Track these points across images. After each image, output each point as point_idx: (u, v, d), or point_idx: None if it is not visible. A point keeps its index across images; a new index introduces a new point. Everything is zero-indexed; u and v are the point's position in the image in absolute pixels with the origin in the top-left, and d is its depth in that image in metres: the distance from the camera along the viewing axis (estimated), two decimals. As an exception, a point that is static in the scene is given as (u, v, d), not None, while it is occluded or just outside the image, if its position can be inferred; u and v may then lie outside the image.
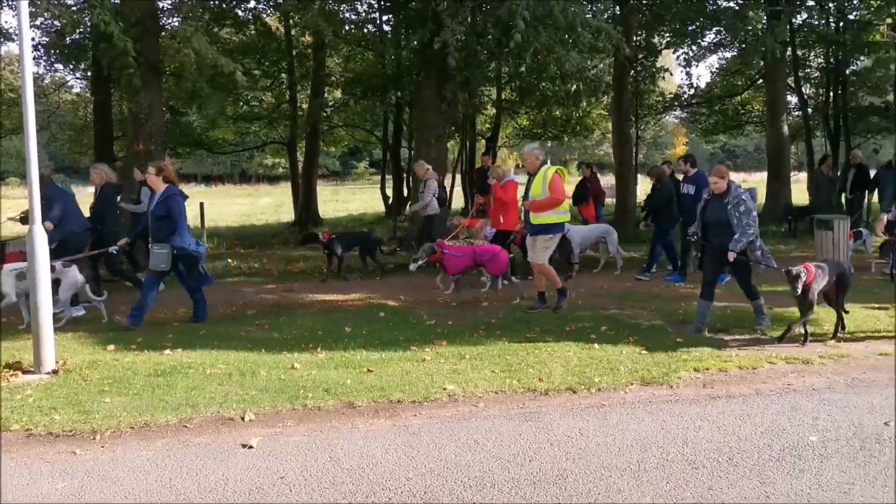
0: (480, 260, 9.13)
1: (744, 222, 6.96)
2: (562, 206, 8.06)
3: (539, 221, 8.01)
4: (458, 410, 4.81)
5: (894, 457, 3.93)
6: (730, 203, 7.09)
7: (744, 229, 6.93)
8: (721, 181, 7.22)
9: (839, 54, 20.98)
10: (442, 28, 10.49)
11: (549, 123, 22.57)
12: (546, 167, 8.06)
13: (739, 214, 6.97)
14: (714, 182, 7.24)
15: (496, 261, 9.08)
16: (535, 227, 8.06)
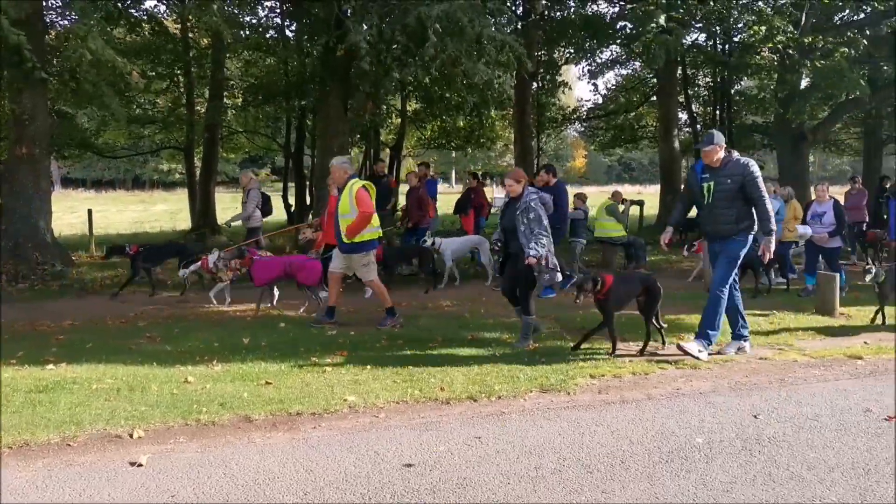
0: (291, 270, 8.70)
1: (535, 231, 6.69)
2: (372, 223, 7.77)
3: (349, 240, 7.71)
4: (359, 421, 4.75)
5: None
6: (519, 209, 6.80)
7: (536, 238, 6.66)
8: (516, 185, 6.90)
9: (725, 74, 22.30)
10: (346, 34, 10.42)
11: (453, 134, 22.82)
12: (353, 181, 7.75)
13: (528, 221, 6.71)
14: (508, 185, 6.97)
15: (308, 271, 8.64)
16: (346, 245, 7.74)
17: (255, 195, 11.31)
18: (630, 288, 6.76)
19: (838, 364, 6.28)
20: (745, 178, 6.38)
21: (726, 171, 6.48)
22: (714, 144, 6.49)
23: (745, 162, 6.48)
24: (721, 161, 6.51)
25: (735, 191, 6.41)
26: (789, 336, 7.42)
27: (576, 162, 72.33)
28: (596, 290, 6.49)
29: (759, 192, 6.39)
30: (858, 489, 3.66)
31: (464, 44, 10.57)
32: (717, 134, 6.64)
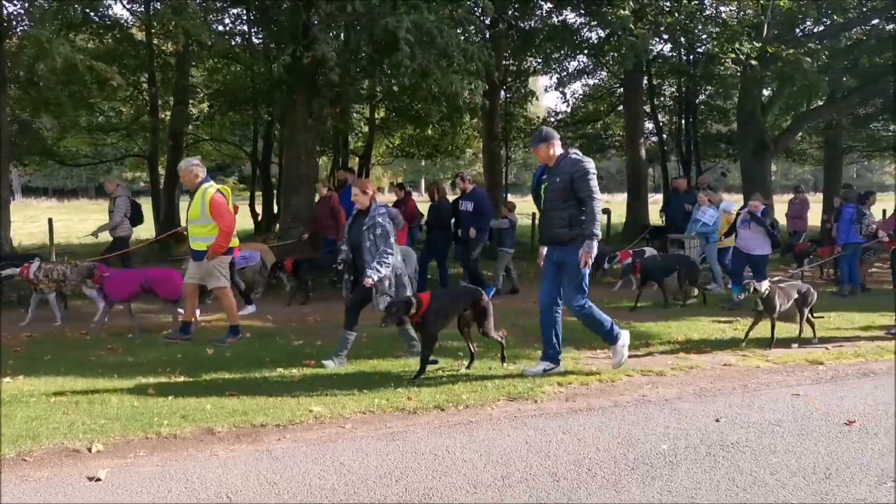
0: (150, 285, 8.17)
1: (380, 248, 6.19)
2: None
3: (199, 248, 7.31)
4: (325, 432, 4.70)
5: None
6: (366, 224, 6.28)
7: (381, 256, 6.16)
8: (362, 196, 6.37)
9: (690, 85, 22.66)
10: (313, 43, 10.37)
11: (422, 143, 22.82)
12: (205, 186, 7.26)
13: (374, 238, 6.21)
14: (354, 196, 6.42)
15: (168, 285, 8.11)
16: (197, 252, 7.34)
17: (123, 203, 10.81)
18: (453, 305, 6.19)
19: (800, 369, 6.38)
20: (573, 175, 5.83)
21: (558, 169, 5.98)
22: (543, 142, 6.02)
23: (577, 158, 5.94)
24: (556, 159, 6.02)
25: (565, 189, 5.89)
26: (752, 342, 7.51)
27: (544, 171, 72.72)
28: (410, 313, 5.92)
29: (587, 191, 5.81)
30: (819, 493, 3.71)
31: (434, 55, 10.57)
32: (548, 130, 6.15)
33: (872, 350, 7.07)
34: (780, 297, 7.20)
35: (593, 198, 5.81)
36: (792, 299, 7.33)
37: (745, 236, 10.06)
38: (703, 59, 19.79)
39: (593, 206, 5.81)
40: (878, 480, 3.86)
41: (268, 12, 13.06)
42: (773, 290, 7.16)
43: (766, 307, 7.20)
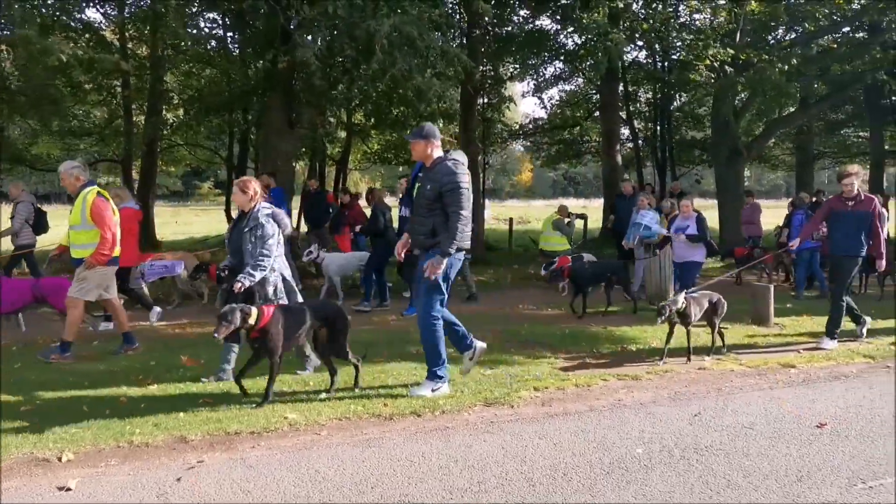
0: (41, 294, 7.74)
1: (258, 251, 5.70)
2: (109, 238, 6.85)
3: (79, 255, 6.95)
4: (300, 440, 4.66)
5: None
6: (248, 226, 5.79)
7: (257, 259, 5.68)
8: (241, 196, 5.81)
9: (665, 91, 22.91)
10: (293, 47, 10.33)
11: (399, 148, 22.80)
12: (87, 190, 6.91)
13: (255, 240, 5.74)
14: (234, 195, 5.91)
15: (61, 295, 7.45)
16: (77, 260, 6.98)
17: (25, 209, 10.31)
18: (301, 320, 5.54)
19: (773, 373, 6.45)
20: (442, 188, 5.42)
21: (432, 174, 5.53)
22: (421, 138, 5.58)
23: (451, 169, 5.45)
24: (433, 162, 5.58)
25: (434, 198, 5.48)
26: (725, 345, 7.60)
27: (522, 176, 73.22)
28: (248, 325, 5.21)
29: (454, 205, 5.40)
30: (791, 495, 3.75)
31: (415, 59, 10.57)
32: (430, 127, 5.64)
33: (843, 353, 7.18)
34: (694, 306, 7.03)
35: (458, 214, 5.40)
36: (703, 309, 7.17)
37: (680, 243, 9.86)
38: (677, 66, 20.02)
39: (456, 222, 5.41)
40: (849, 482, 3.91)
41: (245, 16, 12.99)
42: (688, 302, 6.98)
43: (682, 318, 6.99)
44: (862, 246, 7.61)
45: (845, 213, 7.67)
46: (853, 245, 7.62)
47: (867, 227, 7.59)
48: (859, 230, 7.58)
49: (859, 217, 7.58)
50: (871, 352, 7.24)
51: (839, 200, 7.77)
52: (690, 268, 9.84)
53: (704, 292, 7.43)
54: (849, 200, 7.66)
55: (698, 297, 7.22)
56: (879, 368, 6.61)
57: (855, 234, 7.59)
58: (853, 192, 7.64)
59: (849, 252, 7.65)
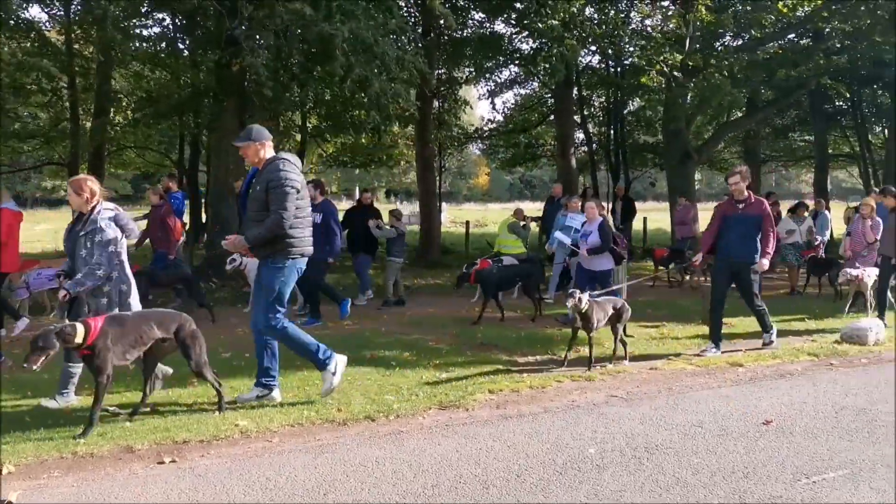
0: None
1: (94, 257, 5.17)
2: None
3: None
4: (251, 447, 4.58)
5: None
6: (85, 230, 5.26)
7: (90, 267, 5.15)
8: (76, 197, 5.33)
9: (618, 96, 23.24)
10: (238, 50, 10.18)
11: (356, 151, 22.66)
12: None
13: (91, 245, 5.20)
14: (69, 195, 5.44)
15: None
16: None
17: None
18: (138, 332, 4.94)
19: (721, 372, 6.59)
20: (269, 185, 5.20)
21: (262, 175, 5.30)
22: (249, 141, 5.36)
23: (279, 164, 5.25)
24: (265, 162, 5.35)
25: (262, 199, 5.26)
26: (677, 345, 7.75)
27: (479, 179, 73.54)
28: (75, 345, 4.67)
29: (277, 203, 5.16)
30: (738, 492, 3.82)
31: (372, 64, 10.50)
32: (259, 129, 5.45)
33: (788, 352, 7.36)
34: (598, 311, 6.79)
35: (279, 213, 5.14)
36: (607, 315, 6.93)
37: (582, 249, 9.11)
38: (629, 71, 20.33)
39: (273, 220, 5.16)
40: (794, 478, 4.00)
41: (194, 18, 12.77)
42: (591, 306, 6.73)
43: (584, 324, 6.73)
44: (755, 249, 7.42)
45: (736, 217, 7.47)
46: (748, 249, 7.42)
47: (759, 229, 7.41)
48: (750, 233, 7.41)
49: (750, 220, 7.41)
50: (816, 350, 7.44)
51: (730, 204, 7.59)
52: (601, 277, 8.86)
53: (609, 297, 7.25)
54: (739, 203, 7.48)
55: (602, 301, 6.98)
56: (823, 366, 6.80)
57: (746, 237, 7.41)
58: (742, 192, 7.46)
59: (745, 258, 7.44)
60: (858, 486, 3.88)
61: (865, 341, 7.63)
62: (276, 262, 5.36)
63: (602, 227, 8.91)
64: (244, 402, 5.47)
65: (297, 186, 5.27)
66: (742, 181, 7.46)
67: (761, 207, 7.48)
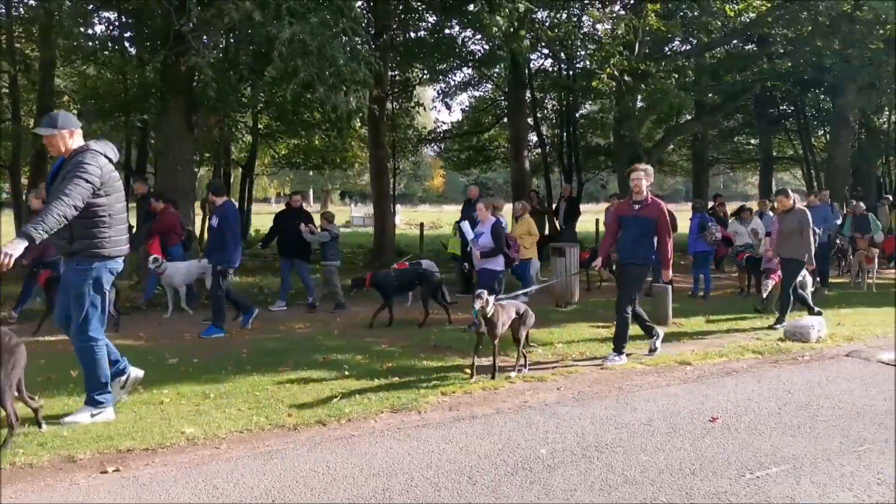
0: None
1: None
2: None
3: None
4: (198, 455, 4.48)
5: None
6: None
7: None
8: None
9: (570, 98, 23.51)
10: (186, 50, 9.98)
11: (308, 153, 22.46)
12: None
13: None
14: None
15: None
16: None
17: None
18: None
19: (670, 370, 6.70)
20: (67, 172, 4.77)
21: (66, 167, 4.87)
22: (52, 129, 4.91)
23: (82, 156, 4.82)
24: (72, 153, 4.91)
25: None
26: (628, 345, 7.80)
27: (434, 181, 73.56)
28: None
29: (64, 187, 4.64)
30: (685, 488, 3.89)
31: (315, 68, 10.36)
32: (65, 116, 5.05)
33: (734, 350, 7.53)
34: (502, 315, 6.45)
35: (60, 198, 4.58)
36: (510, 319, 6.58)
37: (475, 251, 8.87)
38: (581, 74, 20.59)
39: (55, 205, 4.56)
40: (738, 473, 4.09)
41: (140, 16, 12.48)
42: (497, 310, 6.39)
43: (489, 329, 6.36)
44: (648, 252, 7.11)
45: (632, 218, 7.16)
46: (640, 252, 7.08)
47: (653, 232, 7.08)
48: (644, 236, 7.08)
49: (644, 222, 7.07)
50: (760, 347, 7.62)
51: (627, 204, 7.32)
52: (489, 276, 8.61)
53: (513, 301, 6.93)
54: (635, 204, 7.14)
55: (507, 305, 6.66)
56: (767, 363, 6.97)
57: (640, 239, 7.08)
58: (641, 190, 7.10)
59: (635, 260, 7.09)
60: (800, 480, 3.98)
61: (808, 338, 7.84)
62: (80, 265, 4.93)
63: (494, 228, 8.60)
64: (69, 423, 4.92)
65: (93, 181, 4.75)
66: (645, 178, 7.13)
67: (658, 210, 7.09)
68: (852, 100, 17.82)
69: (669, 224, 7.27)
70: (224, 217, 8.58)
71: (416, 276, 9.87)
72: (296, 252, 10.82)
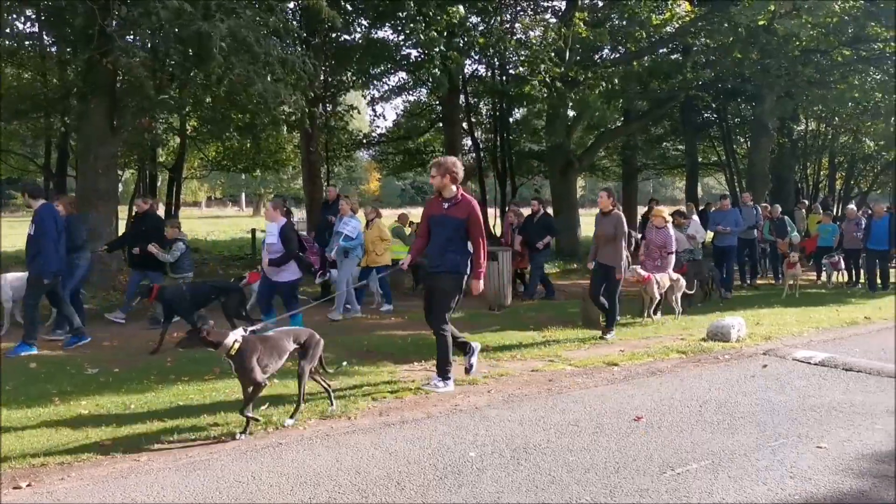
0: None
1: None
2: None
3: None
4: (116, 468, 4.33)
5: None
6: None
7: None
8: None
9: (503, 104, 23.77)
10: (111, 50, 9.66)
11: (239, 156, 22.01)
12: None
13: None
14: None
15: None
16: None
17: None
18: None
19: (598, 371, 6.82)
20: None
21: None
22: None
23: None
24: None
25: None
26: (558, 347, 7.96)
27: (370, 185, 73.24)
28: None
29: None
30: (609, 486, 3.96)
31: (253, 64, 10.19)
32: None
33: (660, 350, 7.73)
34: (265, 353, 5.00)
35: None
36: (285, 353, 5.22)
37: (266, 258, 8.02)
38: (513, 80, 20.84)
39: None
40: (660, 470, 4.19)
41: (62, 14, 12.00)
42: (249, 345, 4.94)
43: (239, 373, 4.98)
44: (460, 258, 6.10)
45: (440, 218, 6.15)
46: (450, 258, 6.07)
47: (465, 235, 6.10)
48: (455, 239, 6.08)
49: (454, 223, 6.07)
50: (684, 347, 7.84)
51: (436, 203, 6.21)
52: (284, 290, 7.93)
53: (289, 329, 5.59)
54: (445, 202, 6.12)
55: (274, 336, 5.26)
56: (690, 363, 7.18)
57: (450, 244, 6.08)
58: (445, 186, 6.10)
59: (443, 267, 6.09)
60: (718, 475, 4.11)
61: (729, 338, 8.11)
62: None
63: (283, 230, 7.65)
64: None
65: None
66: (441, 175, 6.08)
67: (468, 208, 6.07)
68: (771, 108, 18.58)
69: (482, 225, 6.23)
70: (39, 222, 7.67)
71: (212, 289, 8.61)
72: (147, 264, 9.67)
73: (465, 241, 6.13)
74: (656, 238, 9.72)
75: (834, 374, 6.58)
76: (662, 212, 10.11)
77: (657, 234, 9.74)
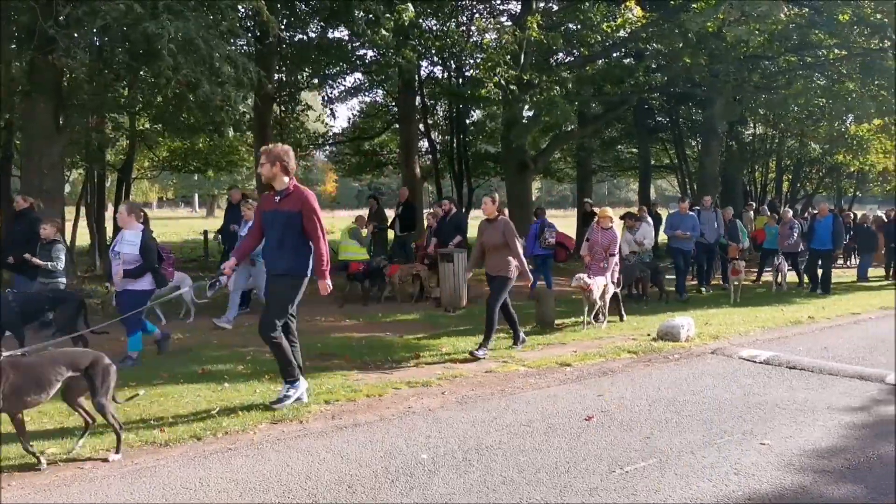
0: None
1: None
2: None
3: None
4: (59, 476, 4.21)
5: None
6: None
7: None
8: None
9: (460, 106, 23.87)
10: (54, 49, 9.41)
11: (190, 156, 21.64)
12: None
13: None
14: None
15: None
16: None
17: None
18: None
19: (551, 372, 6.89)
20: None
21: None
22: None
23: None
24: None
25: None
26: (512, 349, 8.00)
27: (327, 186, 72.71)
28: None
29: None
30: (560, 486, 4.01)
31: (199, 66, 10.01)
32: None
33: (612, 350, 7.83)
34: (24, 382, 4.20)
35: None
36: (54, 383, 4.32)
37: (116, 268, 7.11)
38: (470, 83, 20.94)
39: None
40: (609, 469, 4.25)
41: (8, 11, 11.64)
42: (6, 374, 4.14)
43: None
44: (296, 258, 5.51)
45: (273, 214, 5.53)
46: (286, 257, 5.50)
47: (300, 231, 5.51)
48: (289, 237, 5.49)
49: (286, 218, 5.47)
50: (635, 347, 7.96)
51: (269, 197, 5.63)
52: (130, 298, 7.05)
53: (66, 352, 4.71)
54: (277, 195, 5.53)
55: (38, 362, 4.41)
56: (641, 363, 7.30)
57: (285, 242, 5.49)
58: (276, 176, 5.48)
59: (278, 269, 5.56)
60: (665, 472, 4.19)
61: (678, 338, 8.27)
62: None
63: (144, 240, 6.99)
64: None
65: None
66: (270, 163, 5.47)
67: (300, 200, 5.48)
68: (720, 112, 19.01)
69: (320, 218, 5.59)
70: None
71: (46, 299, 7.70)
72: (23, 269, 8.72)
73: (302, 238, 5.52)
74: (602, 239, 9.76)
75: (778, 373, 6.77)
76: (608, 212, 10.19)
77: (603, 235, 9.78)
